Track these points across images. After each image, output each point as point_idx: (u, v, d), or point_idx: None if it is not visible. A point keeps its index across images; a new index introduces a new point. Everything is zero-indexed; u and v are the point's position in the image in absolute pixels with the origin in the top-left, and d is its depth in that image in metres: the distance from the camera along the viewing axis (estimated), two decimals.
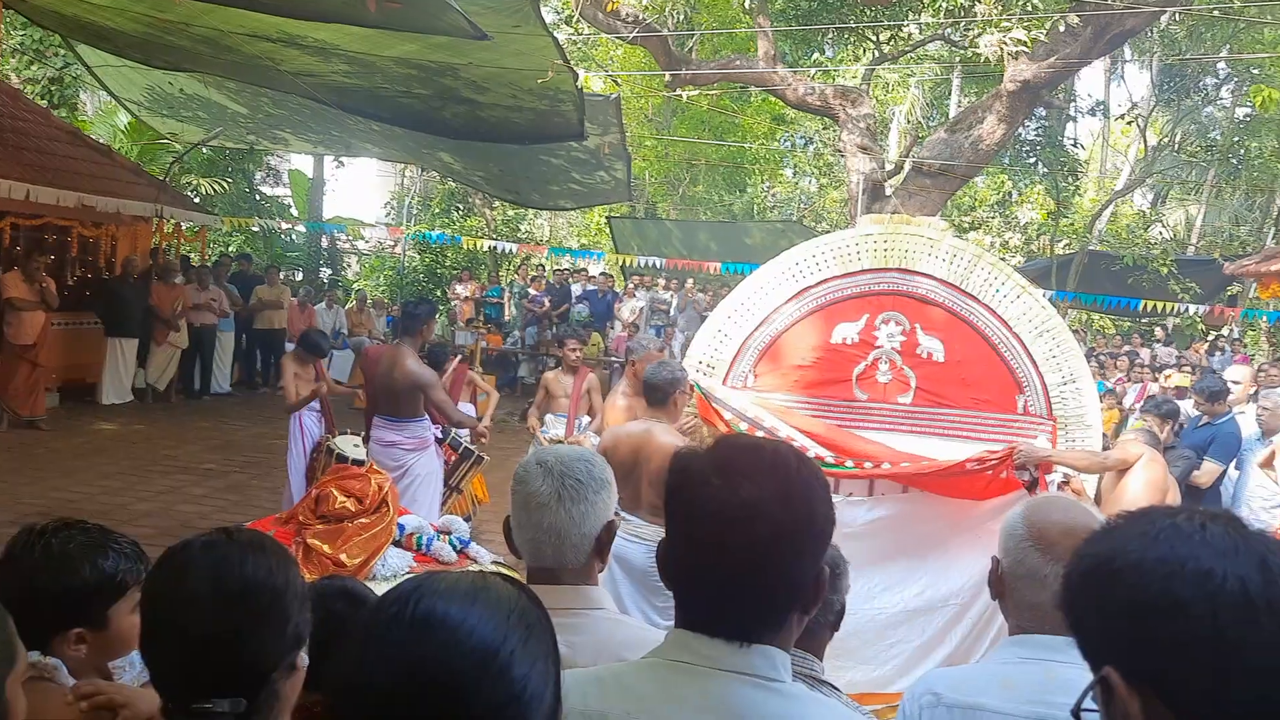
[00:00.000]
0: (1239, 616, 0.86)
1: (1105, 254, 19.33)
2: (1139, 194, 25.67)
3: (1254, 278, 10.60)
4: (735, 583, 1.28)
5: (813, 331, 4.86)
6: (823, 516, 1.33)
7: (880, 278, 4.82)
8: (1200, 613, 0.87)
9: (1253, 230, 22.09)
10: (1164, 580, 0.89)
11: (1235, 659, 0.86)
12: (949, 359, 4.77)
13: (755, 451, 1.36)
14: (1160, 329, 19.84)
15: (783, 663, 1.33)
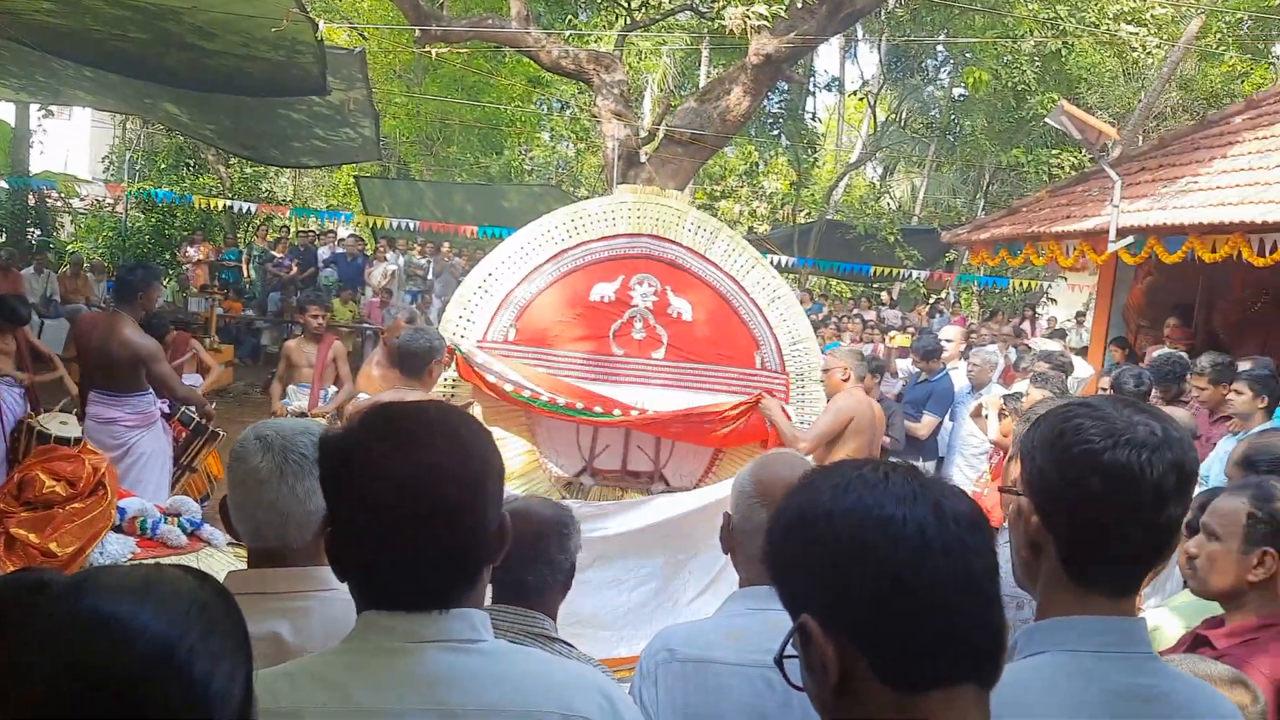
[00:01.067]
0: (917, 559, 0.92)
1: (841, 223, 20.70)
2: (870, 167, 27.63)
3: (966, 245, 11.62)
4: (422, 552, 1.25)
5: (572, 290, 5.13)
6: (496, 467, 1.32)
7: (635, 242, 5.18)
8: (884, 556, 0.92)
9: (967, 201, 24.31)
10: (852, 528, 0.94)
11: (915, 599, 0.91)
12: (696, 318, 5.21)
13: (419, 415, 1.32)
14: (887, 293, 21.53)
15: (481, 622, 1.31)
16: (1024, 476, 1.33)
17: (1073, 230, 9.12)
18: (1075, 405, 1.31)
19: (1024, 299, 20.95)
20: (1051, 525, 1.28)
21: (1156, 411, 1.32)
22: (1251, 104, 10.04)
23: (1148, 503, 1.24)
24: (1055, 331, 14.48)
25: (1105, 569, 1.28)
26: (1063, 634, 1.28)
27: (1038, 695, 1.23)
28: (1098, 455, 1.23)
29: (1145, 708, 1.24)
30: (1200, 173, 8.76)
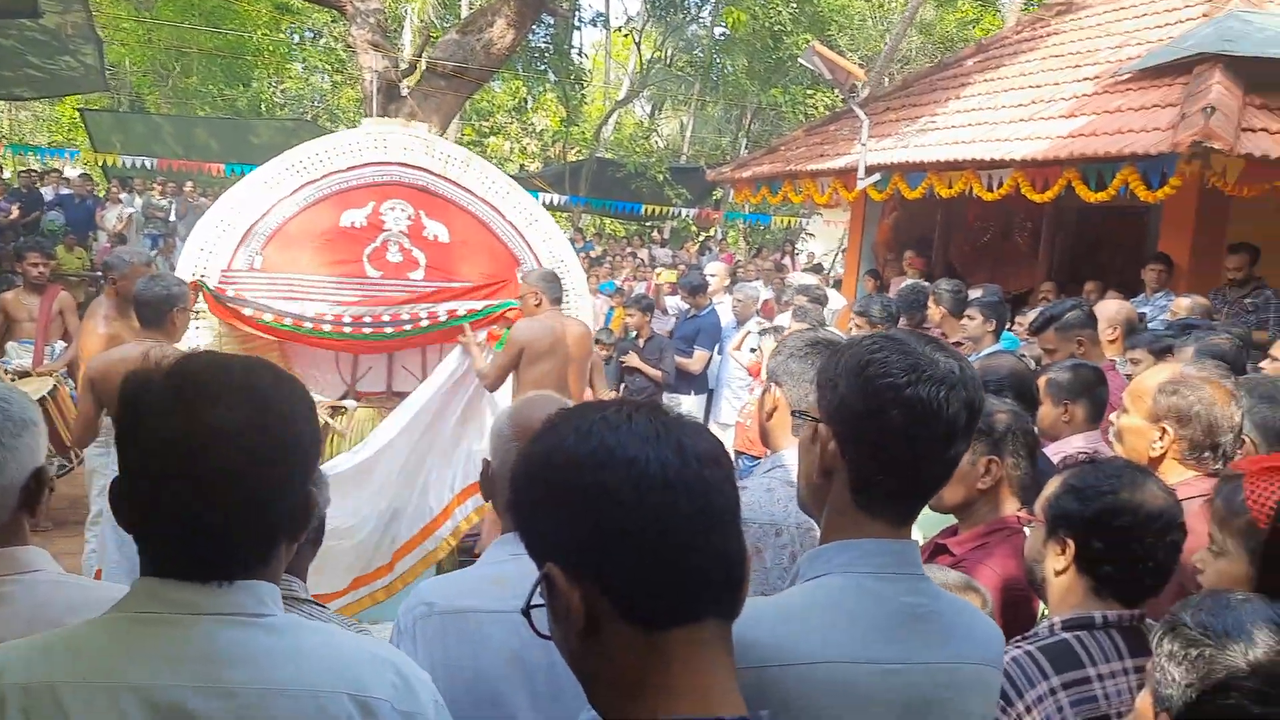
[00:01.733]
0: (660, 498, 0.90)
1: (611, 161, 20.77)
2: (639, 105, 27.86)
3: (730, 184, 11.96)
4: (210, 518, 1.17)
5: (321, 218, 4.97)
6: (306, 436, 1.25)
7: (384, 170, 5.06)
8: (627, 498, 0.90)
9: (732, 140, 25.03)
10: (595, 471, 0.91)
11: (659, 539, 0.90)
12: (453, 240, 5.17)
13: (223, 371, 1.23)
14: (659, 231, 21.92)
15: (270, 595, 1.24)
16: (823, 405, 1.35)
17: (826, 169, 9.56)
18: (880, 338, 1.34)
19: (785, 235, 21.93)
20: (847, 453, 1.32)
21: (952, 350, 1.37)
22: (981, 48, 10.82)
23: (940, 437, 1.29)
24: (813, 266, 15.26)
25: (892, 498, 1.33)
26: (846, 556, 1.32)
27: (823, 613, 1.28)
28: (901, 389, 1.27)
29: (920, 625, 1.31)
30: (938, 113, 9.38)
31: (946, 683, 1.32)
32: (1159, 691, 1.38)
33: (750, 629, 1.23)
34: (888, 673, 1.27)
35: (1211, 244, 7.17)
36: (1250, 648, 1.29)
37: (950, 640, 1.34)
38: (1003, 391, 3.30)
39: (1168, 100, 6.89)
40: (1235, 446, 2.40)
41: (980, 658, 1.38)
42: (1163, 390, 2.37)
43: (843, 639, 1.27)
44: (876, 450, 1.30)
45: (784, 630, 1.26)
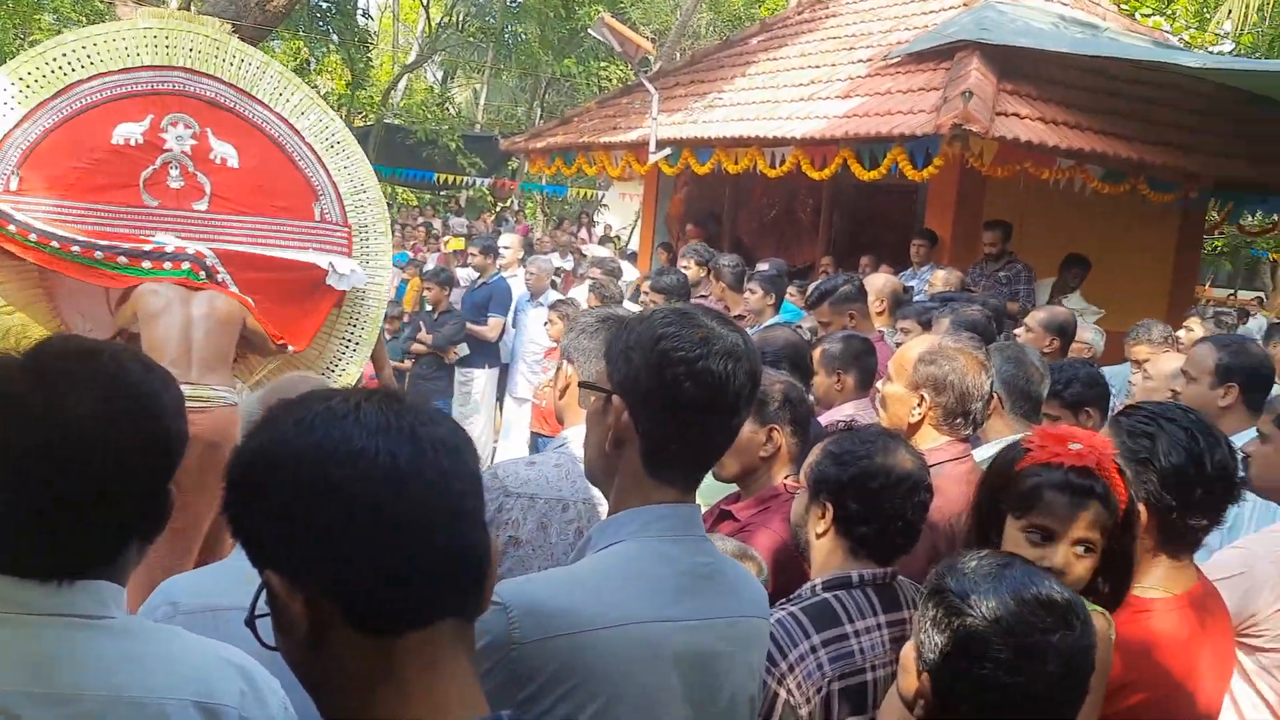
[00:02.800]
0: (391, 493, 0.85)
1: (400, 127, 20.09)
2: (431, 71, 27.07)
3: (524, 154, 11.83)
4: (51, 514, 1.14)
5: (89, 131, 4.35)
6: (170, 432, 1.22)
7: (165, 76, 4.46)
8: (355, 493, 0.84)
9: (527, 110, 24.76)
10: (317, 467, 0.85)
11: (391, 536, 0.85)
12: (244, 165, 4.63)
13: (87, 360, 1.20)
14: (455, 201, 21.46)
15: (113, 596, 1.20)
16: (615, 377, 1.39)
17: (618, 141, 9.62)
18: (671, 313, 1.40)
19: (582, 208, 21.98)
20: (640, 423, 1.37)
21: (734, 323, 1.45)
22: (765, 27, 11.16)
23: (727, 408, 1.37)
24: (611, 238, 15.40)
25: (681, 465, 1.40)
26: (639, 522, 1.38)
27: (623, 578, 1.34)
28: (694, 363, 1.33)
29: (707, 583, 1.40)
30: (724, 90, 9.61)
31: (732, 636, 1.42)
32: (922, 653, 1.45)
33: (555, 598, 1.30)
34: (684, 629, 1.35)
35: (971, 221, 7.73)
36: (1006, 618, 1.37)
37: (732, 596, 1.44)
38: (779, 363, 3.43)
39: (931, 84, 7.34)
40: (984, 414, 2.58)
41: (756, 611, 1.50)
42: (921, 360, 2.52)
43: (643, 600, 1.33)
44: (668, 420, 1.36)
45: (588, 597, 1.31)
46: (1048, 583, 1.42)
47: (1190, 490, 1.87)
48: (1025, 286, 7.18)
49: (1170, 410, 1.99)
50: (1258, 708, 2.21)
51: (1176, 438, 1.89)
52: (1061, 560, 1.72)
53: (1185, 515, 1.88)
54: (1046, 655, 1.34)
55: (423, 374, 7.12)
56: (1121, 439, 1.94)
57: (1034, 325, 4.52)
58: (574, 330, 2.23)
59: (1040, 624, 1.35)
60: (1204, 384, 2.99)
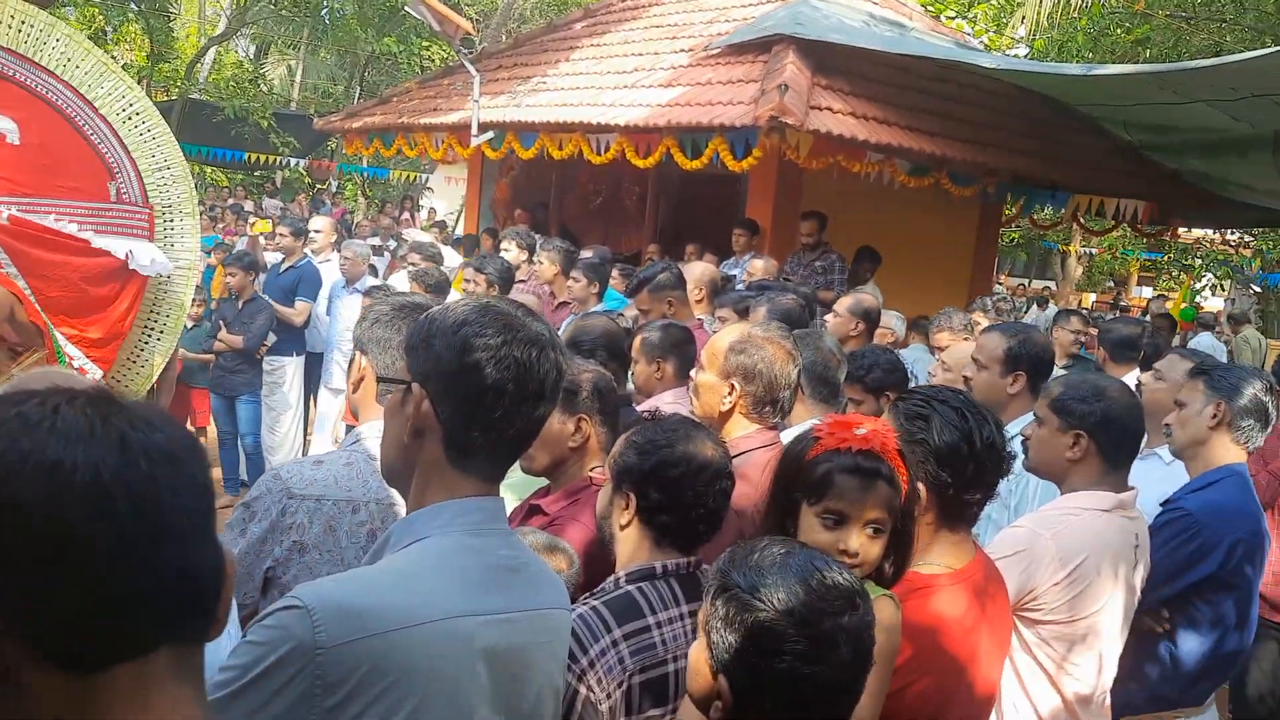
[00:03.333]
0: (89, 510, 0.74)
1: (206, 103, 18.91)
2: (244, 46, 25.65)
3: (340, 134, 11.36)
4: None
5: None
6: None
7: None
8: (45, 513, 0.73)
9: (346, 89, 23.83)
10: (3, 483, 0.73)
11: (89, 559, 0.74)
12: (26, 141, 4.11)
13: None
14: (270, 182, 20.46)
15: None
16: (416, 365, 1.37)
17: (440, 123, 9.37)
18: (473, 304, 1.38)
19: (406, 191, 21.38)
20: (441, 412, 1.34)
21: (539, 317, 1.43)
22: (589, 13, 11.11)
23: (532, 396, 1.36)
24: (436, 223, 15.01)
25: (485, 456, 1.38)
26: (444, 517, 1.35)
27: (434, 574, 1.31)
28: (496, 348, 1.33)
29: (516, 576, 1.39)
30: (548, 74, 9.51)
31: (542, 627, 1.42)
32: (715, 653, 1.40)
33: (363, 596, 1.25)
34: (495, 622, 1.34)
35: (790, 211, 7.95)
36: (799, 608, 1.35)
37: (540, 589, 1.44)
38: (595, 351, 3.39)
39: (750, 76, 7.48)
40: (792, 402, 2.62)
41: (562, 604, 1.51)
42: (732, 349, 2.53)
43: (454, 594, 1.31)
44: (471, 408, 1.34)
45: (398, 593, 1.27)
46: (831, 566, 1.42)
47: (963, 467, 1.95)
48: (839, 276, 7.44)
49: (942, 393, 2.07)
50: (1035, 675, 2.33)
51: (948, 418, 1.97)
52: (856, 542, 1.75)
53: (960, 491, 1.96)
54: (839, 640, 1.34)
55: (227, 367, 6.71)
56: (899, 422, 2.00)
57: (841, 311, 4.67)
58: (368, 319, 2.13)
59: (830, 608, 1.35)
60: (994, 371, 3.14)
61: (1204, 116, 7.33)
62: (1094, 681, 2.35)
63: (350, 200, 22.03)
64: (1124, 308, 15.25)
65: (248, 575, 1.97)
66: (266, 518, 1.99)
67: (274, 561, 1.99)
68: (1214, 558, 2.63)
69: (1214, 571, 2.64)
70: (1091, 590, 2.30)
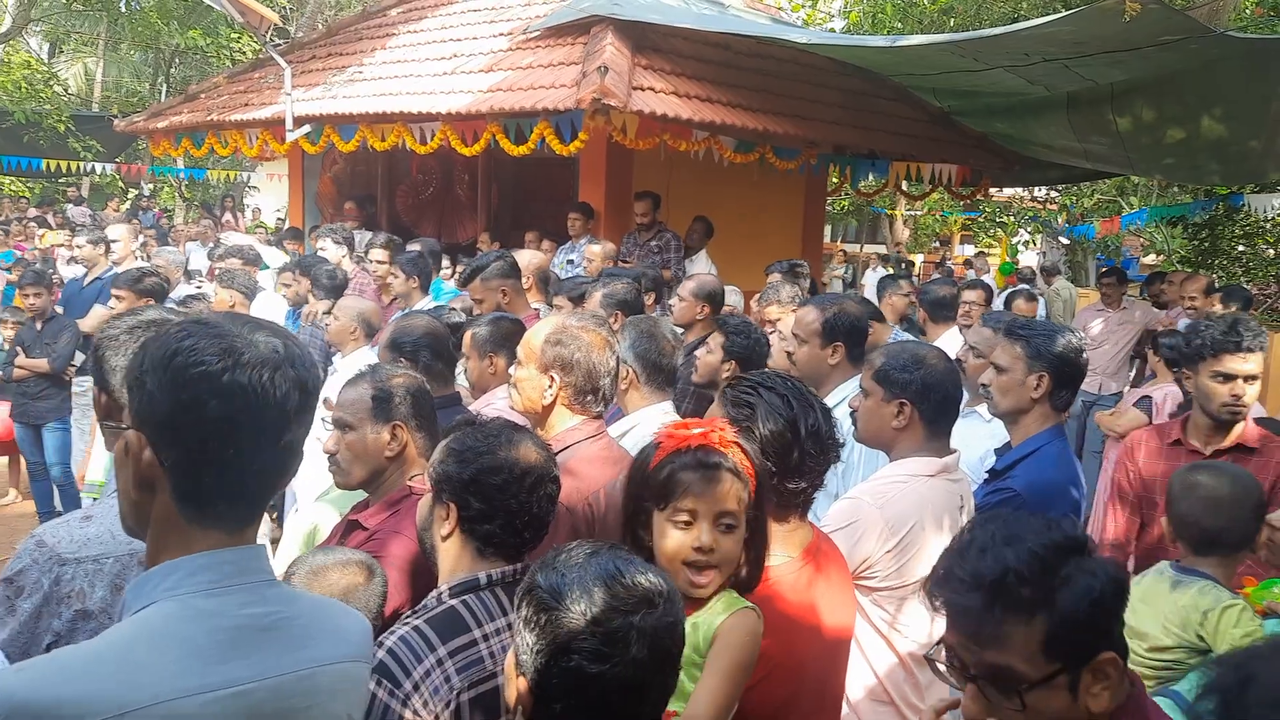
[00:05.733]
0: None
1: None
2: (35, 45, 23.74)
3: (146, 135, 10.65)
4: None
5: None
6: None
7: None
8: None
9: (152, 86, 22.41)
10: None
11: None
12: None
13: None
14: (75, 189, 19.08)
15: None
16: (132, 407, 1.20)
17: (252, 119, 8.92)
18: (189, 324, 1.20)
19: (227, 190, 20.34)
20: (165, 459, 1.17)
21: (278, 328, 1.26)
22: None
23: (271, 425, 1.19)
24: (258, 224, 14.35)
25: (226, 501, 1.21)
26: (173, 578, 1.18)
27: (148, 648, 1.13)
28: (217, 377, 1.15)
29: (267, 636, 1.21)
30: (365, 63, 9.17)
31: (303, 690, 1.24)
32: (518, 655, 1.39)
33: (55, 686, 1.06)
34: (235, 696, 1.16)
35: (622, 192, 7.95)
36: (590, 607, 1.32)
37: (306, 645, 1.25)
38: (419, 351, 3.28)
39: (571, 59, 7.41)
40: (613, 390, 2.59)
41: (344, 655, 1.31)
42: (548, 341, 2.47)
43: (173, 671, 1.12)
44: (197, 451, 1.17)
45: (102, 679, 1.08)
46: (634, 567, 1.39)
47: (787, 454, 1.94)
48: (675, 255, 7.51)
49: (770, 379, 2.05)
50: (870, 636, 2.39)
51: (773, 405, 1.96)
52: (709, 538, 1.74)
53: (785, 480, 1.95)
54: (630, 639, 1.31)
55: (30, 393, 6.20)
56: (727, 409, 1.98)
57: (685, 295, 4.67)
58: (102, 343, 1.89)
59: (623, 606, 1.32)
60: (813, 345, 3.19)
61: (1003, 82, 7.71)
62: (926, 638, 2.42)
63: (167, 202, 20.79)
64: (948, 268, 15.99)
65: (24, 656, 1.73)
66: (37, 590, 1.77)
67: (55, 636, 1.78)
68: None
69: None
70: (920, 554, 2.37)
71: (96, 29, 20.88)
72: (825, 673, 2.05)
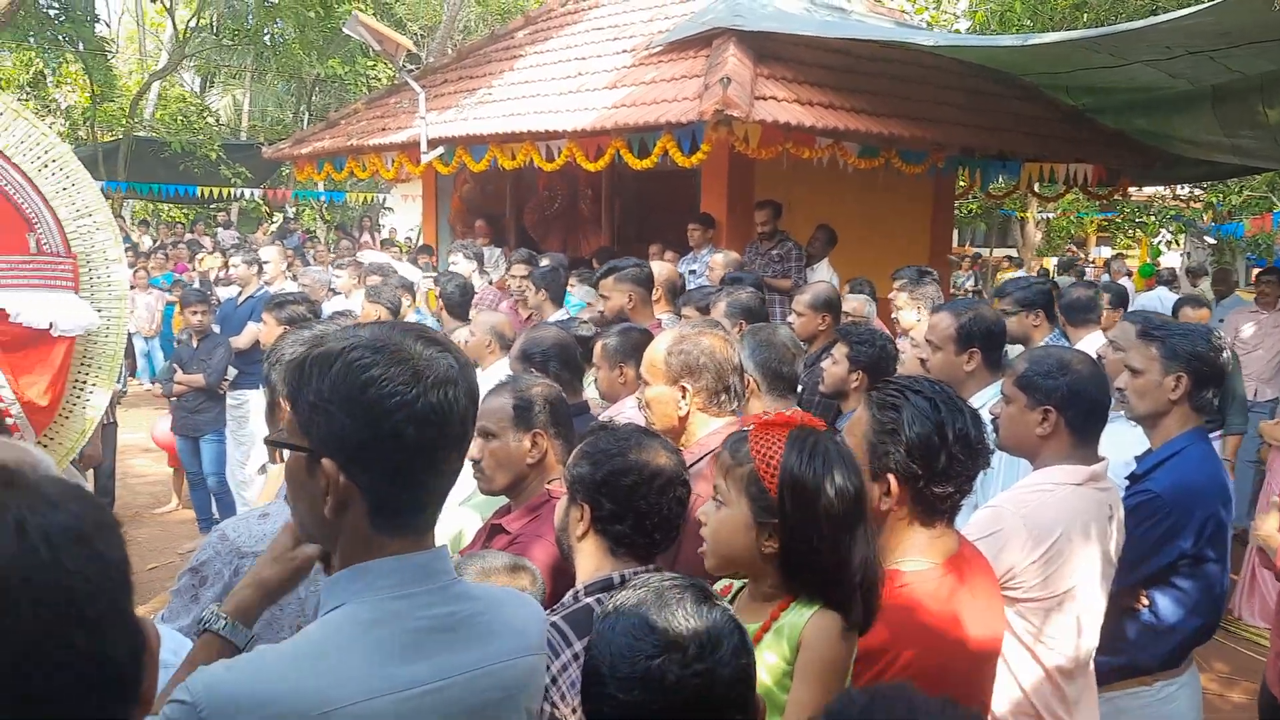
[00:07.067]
0: None
1: (153, 140, 18.68)
2: (189, 78, 25.35)
3: (291, 160, 11.25)
4: None
5: None
6: None
7: None
8: None
9: (295, 115, 23.63)
10: None
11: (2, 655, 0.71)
12: None
13: None
14: (225, 214, 20.25)
15: None
16: (316, 433, 1.20)
17: (389, 143, 9.30)
18: (366, 348, 1.20)
19: (364, 211, 21.23)
20: (360, 481, 1.20)
21: (442, 338, 1.30)
22: (530, 20, 11.07)
23: (456, 437, 1.24)
24: (383, 241, 14.93)
25: (415, 511, 1.26)
26: (361, 582, 1.23)
27: (340, 651, 1.18)
28: (412, 404, 1.18)
29: (452, 635, 1.25)
30: (494, 85, 9.46)
31: (494, 685, 1.29)
32: None
33: (258, 686, 1.13)
34: (422, 695, 1.20)
35: (744, 202, 7.96)
36: (609, 649, 1.35)
37: (491, 641, 1.30)
38: (548, 363, 3.37)
39: (693, 72, 7.48)
40: (743, 385, 2.61)
41: (527, 649, 1.36)
42: (670, 353, 2.51)
43: (365, 672, 1.17)
44: (394, 472, 1.21)
45: (299, 678, 1.14)
46: (681, 609, 1.36)
47: (934, 459, 1.91)
48: (796, 264, 7.46)
49: (917, 383, 2.02)
50: (1015, 648, 2.33)
51: (920, 408, 1.93)
52: None
53: (931, 484, 1.92)
54: (661, 681, 1.30)
55: (189, 406, 6.62)
56: (872, 412, 1.98)
57: (802, 309, 4.65)
58: (274, 358, 2.04)
59: (646, 651, 1.31)
60: (949, 351, 3.14)
61: (1142, 76, 7.40)
62: (1073, 652, 2.35)
63: (310, 224, 21.84)
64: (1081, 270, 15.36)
65: None
66: (219, 580, 1.93)
67: None
68: (1185, 536, 2.62)
69: (1186, 549, 2.64)
70: (1068, 565, 2.31)
71: (244, 62, 22.14)
72: (968, 685, 2.00)
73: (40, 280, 4.19)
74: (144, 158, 17.68)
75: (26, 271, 4.19)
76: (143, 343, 11.63)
